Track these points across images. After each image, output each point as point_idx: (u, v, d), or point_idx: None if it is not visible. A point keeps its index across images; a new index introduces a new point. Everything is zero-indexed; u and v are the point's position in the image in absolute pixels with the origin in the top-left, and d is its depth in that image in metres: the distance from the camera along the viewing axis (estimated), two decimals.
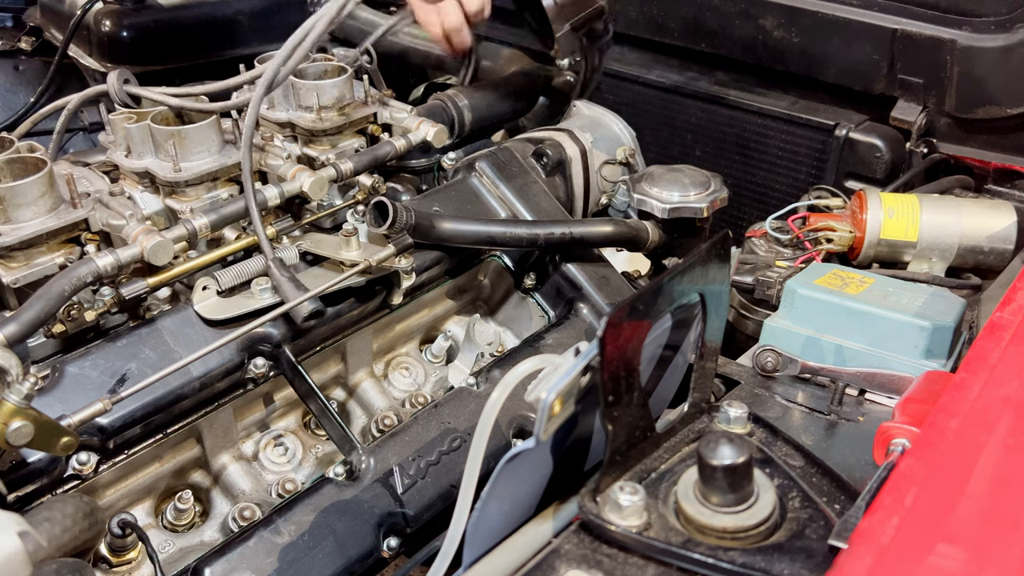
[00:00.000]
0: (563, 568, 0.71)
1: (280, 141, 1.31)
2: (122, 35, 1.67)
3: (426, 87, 1.99)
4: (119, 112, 1.22)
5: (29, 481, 0.96)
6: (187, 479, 1.18)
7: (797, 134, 1.67)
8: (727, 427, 0.87)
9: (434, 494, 1.11)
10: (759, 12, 1.69)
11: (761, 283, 1.32)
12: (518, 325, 1.45)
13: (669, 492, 0.77)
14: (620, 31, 1.94)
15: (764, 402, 1.01)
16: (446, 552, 0.79)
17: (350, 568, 1.02)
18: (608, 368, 0.72)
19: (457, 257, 1.34)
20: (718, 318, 0.89)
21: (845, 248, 1.39)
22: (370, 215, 1.17)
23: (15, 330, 0.95)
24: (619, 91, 1.86)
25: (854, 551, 0.60)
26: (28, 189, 1.05)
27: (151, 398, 1.04)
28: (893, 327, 1.03)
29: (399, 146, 1.32)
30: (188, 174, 1.17)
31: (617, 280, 1.41)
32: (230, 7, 1.80)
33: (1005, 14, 1.52)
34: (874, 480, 0.78)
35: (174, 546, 1.12)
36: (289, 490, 1.19)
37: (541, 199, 1.43)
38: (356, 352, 1.31)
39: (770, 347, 1.06)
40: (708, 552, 0.70)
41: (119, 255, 1.04)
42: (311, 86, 1.31)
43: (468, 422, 1.18)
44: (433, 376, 1.40)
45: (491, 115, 1.58)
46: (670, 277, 0.80)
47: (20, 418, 0.87)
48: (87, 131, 1.88)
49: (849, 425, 0.98)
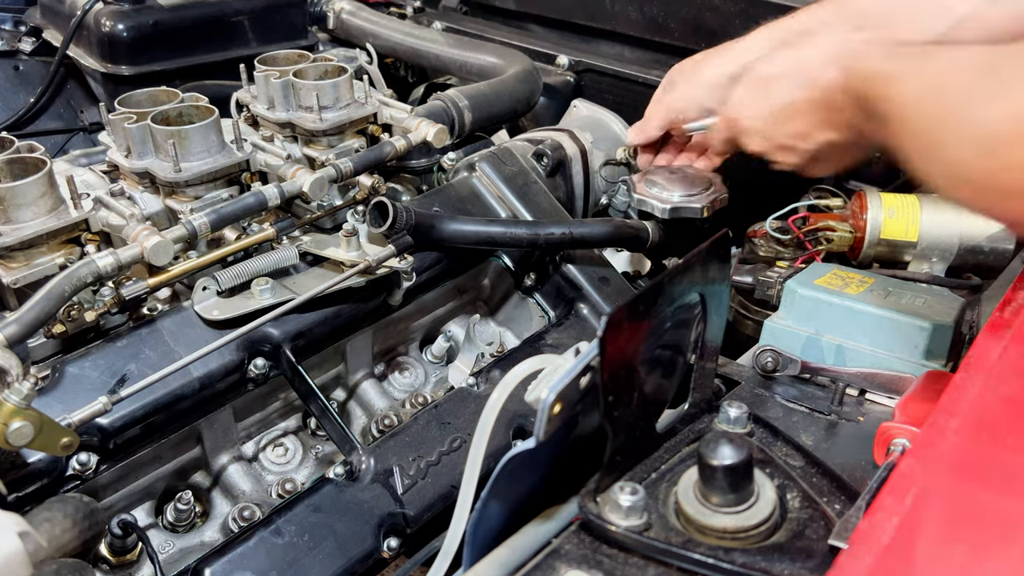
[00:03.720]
0: (563, 568, 0.71)
1: (280, 141, 1.31)
2: (122, 35, 1.67)
3: (426, 87, 1.99)
4: (119, 112, 1.22)
5: (29, 481, 0.96)
6: (187, 479, 1.18)
7: None
8: (727, 427, 0.88)
9: (434, 494, 1.11)
10: (759, 12, 1.69)
11: (761, 283, 1.32)
12: (518, 325, 1.45)
13: (669, 492, 0.77)
14: (620, 31, 1.95)
15: (764, 402, 1.01)
16: (446, 552, 0.79)
17: (350, 568, 1.02)
18: (608, 368, 0.72)
19: (457, 257, 1.34)
20: (718, 318, 0.89)
21: (845, 248, 1.39)
22: (370, 215, 1.17)
23: (15, 330, 0.95)
24: (619, 91, 1.85)
25: (854, 551, 0.60)
26: (28, 189, 1.05)
27: (151, 398, 1.04)
28: (893, 327, 1.03)
29: (399, 146, 1.32)
30: (188, 174, 1.17)
31: (617, 280, 1.41)
32: (230, 7, 1.80)
33: None
34: (874, 480, 0.78)
35: (174, 546, 1.12)
36: (289, 490, 1.19)
37: (541, 199, 1.43)
38: (356, 352, 1.31)
39: (770, 347, 1.06)
40: (708, 552, 0.70)
41: (119, 255, 1.04)
42: (311, 86, 1.31)
43: (468, 422, 1.18)
44: (433, 376, 1.40)
45: (491, 115, 1.58)
46: (670, 277, 0.80)
47: (20, 418, 0.87)
48: (87, 131, 1.88)
49: (849, 425, 0.98)
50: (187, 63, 1.75)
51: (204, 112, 1.23)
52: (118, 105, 1.25)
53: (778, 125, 1.12)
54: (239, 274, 1.13)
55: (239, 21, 1.80)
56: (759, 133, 1.16)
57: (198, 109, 1.24)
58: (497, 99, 1.59)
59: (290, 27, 1.87)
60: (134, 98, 1.28)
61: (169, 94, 1.29)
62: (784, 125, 1.11)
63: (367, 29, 1.98)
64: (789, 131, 1.10)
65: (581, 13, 2.00)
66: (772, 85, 1.11)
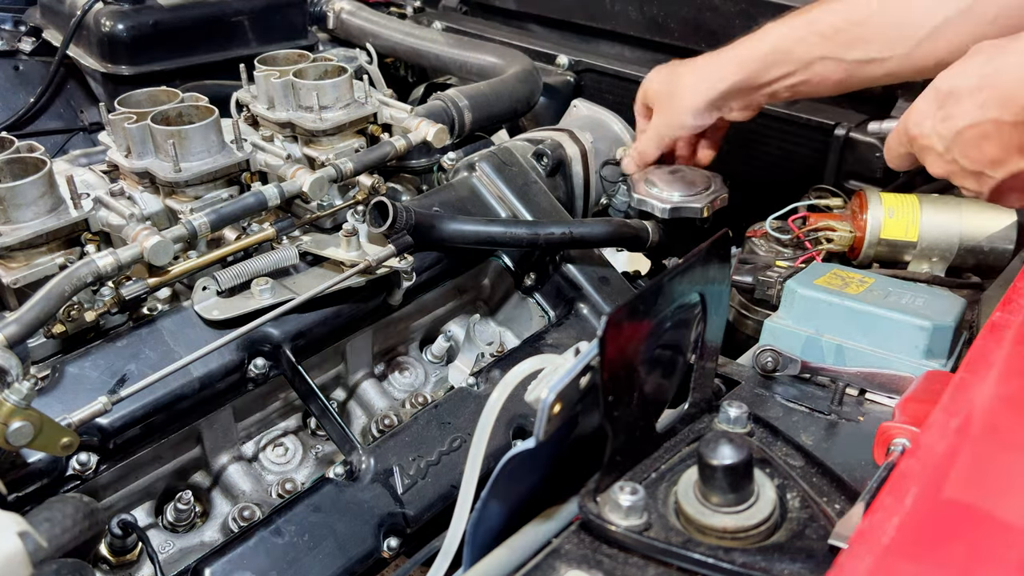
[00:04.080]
0: (563, 568, 0.71)
1: (280, 141, 1.31)
2: (122, 35, 1.67)
3: (426, 87, 1.99)
4: (119, 112, 1.22)
5: (29, 481, 0.96)
6: (187, 479, 1.18)
7: (797, 134, 1.67)
8: (727, 427, 0.87)
9: (434, 494, 1.11)
10: (759, 12, 1.69)
11: (761, 283, 1.32)
12: (518, 325, 1.45)
13: (669, 492, 0.77)
14: (620, 31, 1.95)
15: (764, 402, 1.01)
16: (446, 552, 0.79)
17: (350, 568, 1.02)
18: (608, 368, 0.72)
19: (457, 257, 1.34)
20: (718, 318, 0.89)
21: (845, 248, 1.39)
22: (370, 215, 1.17)
23: (15, 330, 0.95)
24: (619, 91, 1.85)
25: (854, 551, 0.60)
26: (28, 189, 1.05)
27: (151, 398, 1.04)
28: (893, 327, 1.03)
29: (399, 146, 1.32)
30: (188, 174, 1.17)
31: (617, 280, 1.41)
32: (230, 7, 1.80)
33: None
34: (874, 480, 0.78)
35: (174, 546, 1.12)
36: (289, 490, 1.19)
37: (541, 199, 1.43)
38: (356, 352, 1.31)
39: (770, 347, 1.06)
40: (708, 552, 0.70)
41: (119, 255, 1.04)
42: (311, 86, 1.31)
43: (468, 422, 1.18)
44: (433, 376, 1.40)
45: (491, 115, 1.58)
46: (670, 277, 0.80)
47: (20, 418, 0.87)
48: (87, 131, 1.88)
49: (849, 425, 0.98)
50: (187, 63, 1.75)
51: (204, 112, 1.23)
52: (118, 105, 1.25)
53: (964, 148, 0.95)
54: (239, 274, 1.13)
55: (239, 21, 1.80)
56: (941, 156, 0.99)
57: (198, 109, 1.24)
58: (497, 99, 1.59)
59: (290, 27, 1.87)
60: (134, 98, 1.28)
61: (169, 94, 1.29)
62: (971, 149, 0.94)
63: (367, 29, 1.98)
64: (977, 156, 0.95)
65: (581, 13, 2.00)
66: (957, 101, 0.94)
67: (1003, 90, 0.89)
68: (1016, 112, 0.88)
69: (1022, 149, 0.90)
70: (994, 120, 0.90)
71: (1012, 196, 0.98)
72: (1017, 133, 0.89)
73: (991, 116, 0.90)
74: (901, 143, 1.08)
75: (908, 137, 1.04)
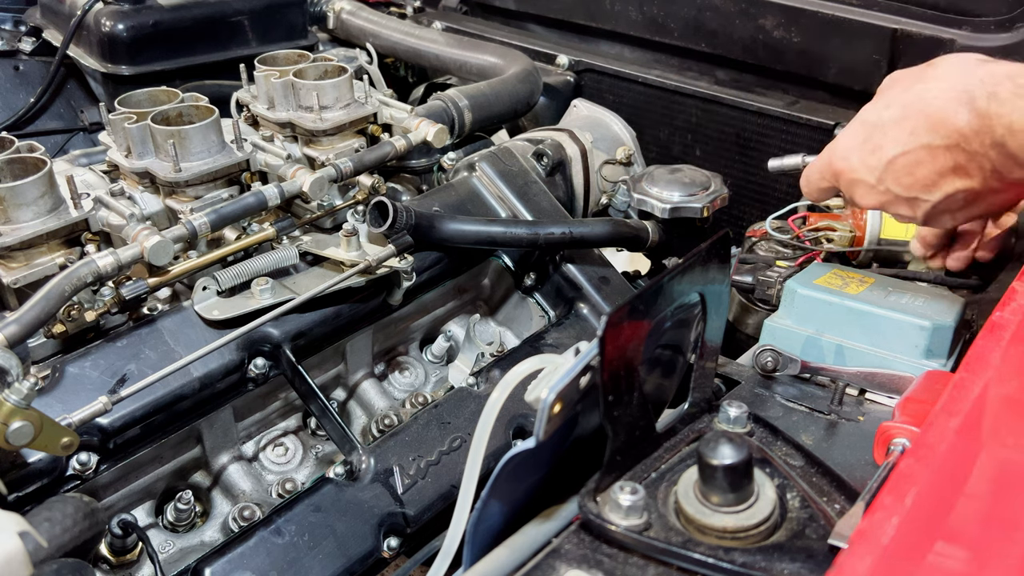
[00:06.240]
0: (563, 568, 0.71)
1: (280, 141, 1.31)
2: (122, 35, 1.67)
3: (426, 87, 1.99)
4: (119, 112, 1.22)
5: (29, 481, 0.96)
6: (187, 479, 1.18)
7: (797, 134, 1.67)
8: (727, 427, 0.87)
9: (434, 494, 1.11)
10: (759, 12, 1.69)
11: (761, 283, 1.32)
12: (518, 325, 1.45)
13: (669, 492, 0.77)
14: (620, 31, 1.95)
15: (764, 402, 1.01)
16: (446, 552, 0.79)
17: (350, 568, 1.03)
18: (608, 368, 0.72)
19: (457, 257, 1.34)
20: (718, 318, 0.89)
21: (845, 248, 1.39)
22: (370, 215, 1.17)
23: (15, 330, 0.95)
24: (619, 91, 1.85)
25: (854, 551, 0.60)
26: (28, 189, 1.05)
27: (151, 398, 1.04)
28: (893, 327, 1.03)
29: (399, 146, 1.32)
30: (188, 174, 1.17)
31: (617, 280, 1.41)
32: (230, 7, 1.80)
33: (1005, 14, 1.52)
34: (874, 480, 0.78)
35: (174, 546, 1.12)
36: (289, 490, 1.19)
37: (541, 199, 1.43)
38: (356, 352, 1.31)
39: (770, 347, 1.06)
40: (708, 552, 0.70)
41: (119, 255, 1.04)
42: (311, 86, 1.31)
43: (468, 422, 1.18)
44: (433, 376, 1.40)
45: (491, 115, 1.58)
46: (670, 277, 0.80)
47: (20, 418, 0.87)
48: (87, 131, 1.88)
49: (849, 425, 0.98)
50: (187, 63, 1.75)
51: (204, 112, 1.23)
52: (118, 105, 1.25)
53: (897, 176, 0.95)
54: (239, 274, 1.13)
55: (239, 21, 1.80)
56: (873, 187, 0.98)
57: (198, 109, 1.24)
58: (497, 99, 1.59)
59: (290, 27, 1.87)
60: (134, 98, 1.28)
61: (169, 94, 1.29)
62: (904, 176, 0.94)
63: (367, 29, 1.98)
64: (910, 183, 0.94)
65: (581, 13, 2.00)
66: (883, 132, 0.95)
67: (931, 116, 0.90)
68: (946, 136, 0.89)
69: (955, 170, 0.91)
70: (926, 146, 0.91)
71: (945, 217, 0.98)
72: (950, 155, 0.90)
73: (922, 142, 0.91)
74: (824, 177, 1.05)
75: (833, 171, 1.03)
